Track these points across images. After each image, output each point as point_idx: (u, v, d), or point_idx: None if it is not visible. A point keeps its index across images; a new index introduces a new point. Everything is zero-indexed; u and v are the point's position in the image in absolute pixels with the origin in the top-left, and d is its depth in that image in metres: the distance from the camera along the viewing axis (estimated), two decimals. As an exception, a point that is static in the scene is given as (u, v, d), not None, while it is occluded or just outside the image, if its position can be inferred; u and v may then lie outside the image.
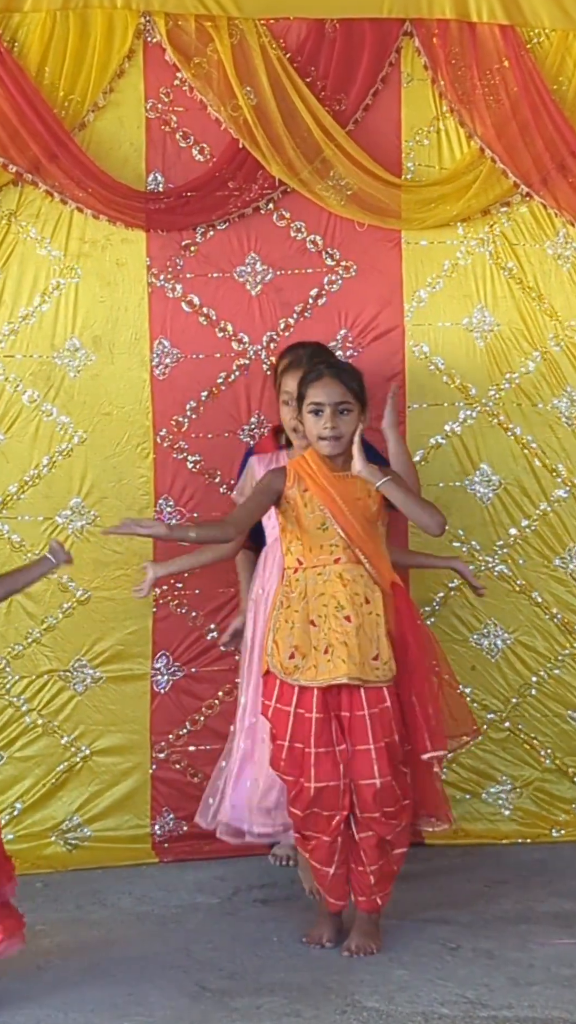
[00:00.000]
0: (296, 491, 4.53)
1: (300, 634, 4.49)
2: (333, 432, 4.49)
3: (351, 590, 4.47)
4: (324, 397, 4.52)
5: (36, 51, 5.21)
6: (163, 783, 5.43)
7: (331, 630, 4.45)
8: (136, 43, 5.32)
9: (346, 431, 4.51)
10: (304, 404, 4.56)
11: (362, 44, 5.38)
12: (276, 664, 4.51)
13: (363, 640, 4.45)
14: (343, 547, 4.49)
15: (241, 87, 5.28)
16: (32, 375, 5.38)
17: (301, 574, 4.53)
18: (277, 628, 4.54)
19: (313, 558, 4.51)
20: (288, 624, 4.52)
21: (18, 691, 5.39)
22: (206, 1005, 4.06)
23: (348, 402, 4.53)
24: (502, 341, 5.55)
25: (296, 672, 4.48)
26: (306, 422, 4.56)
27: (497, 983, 4.17)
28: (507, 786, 5.58)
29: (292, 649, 4.50)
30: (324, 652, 4.45)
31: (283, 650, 4.50)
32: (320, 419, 4.51)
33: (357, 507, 4.51)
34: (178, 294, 5.42)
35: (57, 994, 4.14)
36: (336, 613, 4.45)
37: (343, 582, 4.47)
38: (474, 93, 5.42)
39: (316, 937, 4.52)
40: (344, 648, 4.43)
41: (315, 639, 4.48)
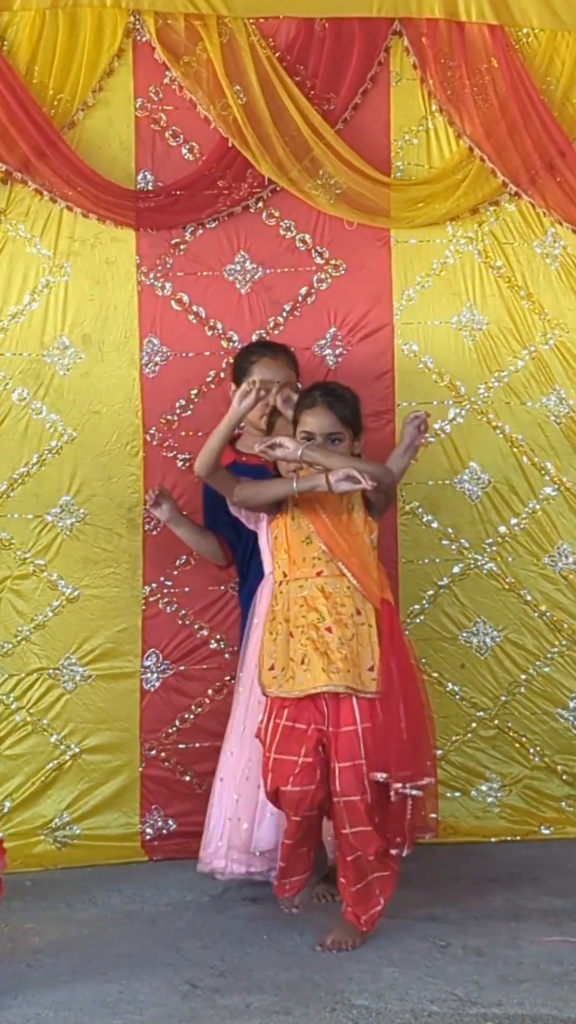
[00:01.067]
0: (288, 503, 4.58)
1: (281, 646, 4.52)
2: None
3: (333, 602, 4.49)
4: (316, 428, 4.57)
5: (25, 49, 5.20)
6: (153, 781, 5.43)
7: (308, 640, 4.47)
8: (125, 42, 5.31)
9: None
10: (297, 430, 4.61)
11: (351, 43, 5.38)
12: (261, 679, 4.56)
13: (356, 649, 4.46)
14: (325, 560, 4.52)
15: (230, 86, 5.28)
16: (21, 373, 5.38)
17: (285, 587, 4.57)
18: (264, 643, 4.59)
19: (296, 571, 4.55)
20: (272, 636, 4.56)
21: (7, 689, 5.38)
22: (196, 1003, 4.06)
23: (339, 432, 4.58)
24: (491, 339, 5.56)
25: (274, 684, 4.51)
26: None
27: (487, 980, 4.17)
28: (496, 784, 5.58)
29: (272, 661, 4.53)
30: (300, 663, 4.47)
31: (266, 664, 4.55)
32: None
33: (342, 522, 4.55)
34: (168, 292, 5.43)
35: (47, 992, 4.13)
36: (316, 624, 4.48)
37: (324, 594, 4.50)
38: (463, 92, 5.42)
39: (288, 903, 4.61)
40: (323, 658, 4.44)
41: (292, 651, 4.50)
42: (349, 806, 4.43)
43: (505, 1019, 3.91)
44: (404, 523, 5.50)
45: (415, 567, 5.52)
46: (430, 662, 5.53)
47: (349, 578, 4.51)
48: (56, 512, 5.38)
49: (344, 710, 4.46)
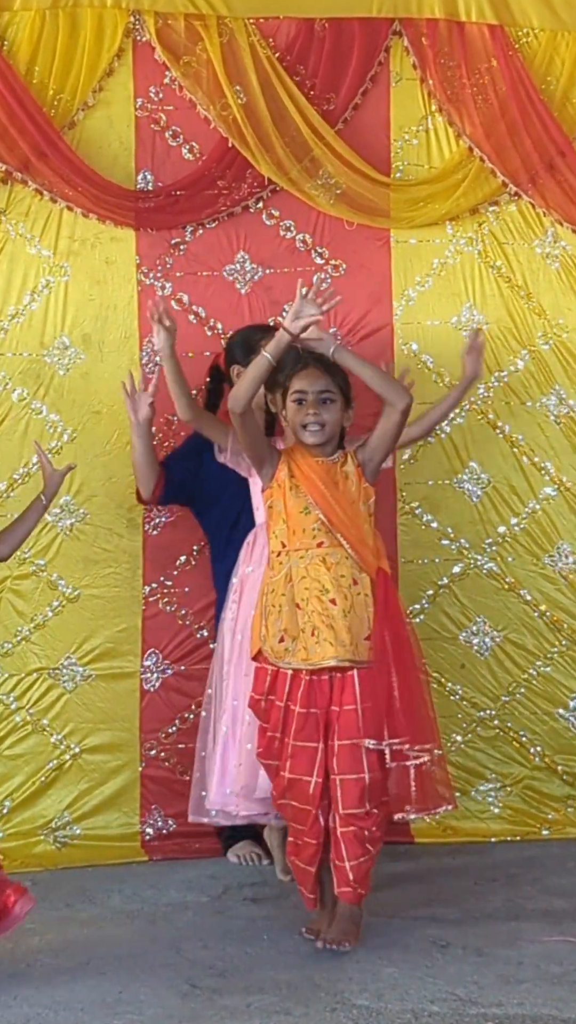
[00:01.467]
0: (285, 475, 4.56)
1: (288, 617, 4.50)
2: (316, 419, 4.51)
3: (335, 572, 4.47)
4: (307, 385, 4.53)
5: (26, 50, 5.21)
6: (152, 781, 5.44)
7: (315, 612, 4.46)
8: (125, 42, 5.32)
9: (329, 420, 4.53)
10: (287, 396, 4.58)
11: (351, 43, 5.39)
12: (268, 648, 4.53)
13: (354, 621, 4.45)
14: (325, 531, 4.50)
15: (230, 86, 5.29)
16: (21, 373, 5.38)
17: (284, 557, 4.54)
18: (267, 613, 4.55)
19: (296, 541, 4.52)
20: (276, 608, 4.53)
21: (7, 689, 5.39)
22: (196, 1003, 4.06)
23: (331, 391, 4.54)
24: (491, 339, 5.55)
25: (287, 655, 4.49)
26: (289, 413, 4.58)
27: (487, 980, 4.17)
28: (496, 784, 5.59)
29: (281, 632, 4.51)
30: (311, 635, 4.46)
31: (273, 634, 4.52)
32: (303, 408, 4.53)
33: (339, 491, 4.52)
34: (167, 292, 5.43)
35: (47, 993, 4.13)
36: (320, 596, 4.46)
37: (327, 565, 4.48)
38: (463, 92, 5.42)
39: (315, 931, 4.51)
40: (330, 631, 4.44)
41: (302, 622, 4.48)
42: (345, 784, 4.41)
43: (505, 1019, 3.91)
44: (404, 523, 5.50)
45: (415, 567, 5.52)
46: (430, 662, 5.51)
47: (346, 548, 4.50)
48: (56, 512, 5.38)
49: (347, 687, 4.45)
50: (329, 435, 4.55)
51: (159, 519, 5.43)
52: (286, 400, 4.58)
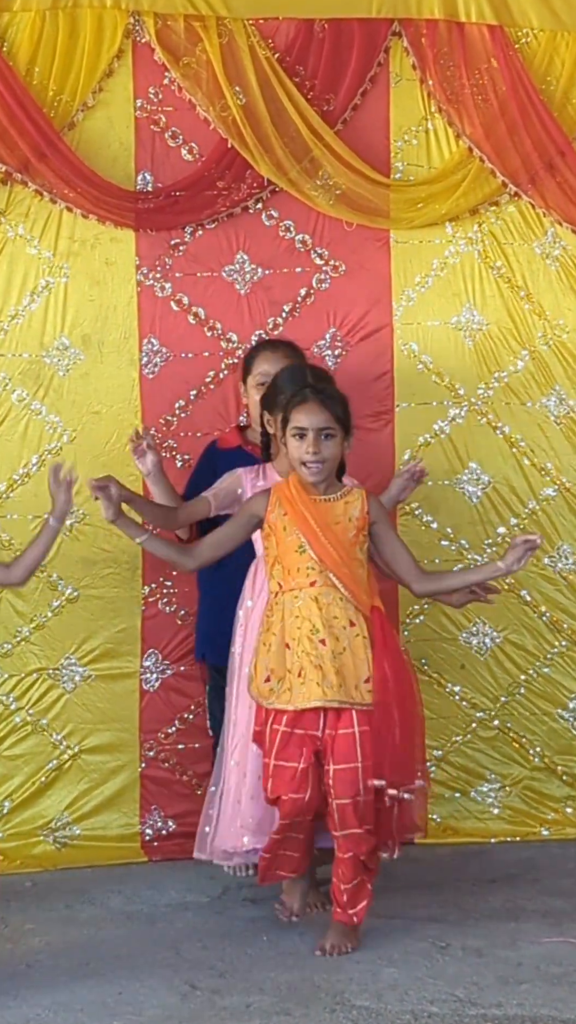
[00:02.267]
0: (277, 515, 4.56)
1: (276, 657, 4.51)
2: (316, 457, 4.50)
3: (328, 613, 4.47)
4: (307, 422, 4.51)
5: (25, 50, 5.20)
6: (152, 781, 5.43)
7: (304, 653, 4.46)
8: (125, 43, 5.32)
9: (329, 456, 4.53)
10: (287, 428, 4.56)
11: (351, 44, 5.38)
12: (254, 690, 4.54)
13: (348, 663, 4.45)
14: (319, 571, 4.50)
15: (230, 87, 5.28)
16: (21, 374, 5.38)
17: (281, 597, 4.54)
18: (257, 652, 4.58)
19: (290, 581, 4.52)
20: (266, 647, 4.54)
21: (7, 689, 5.39)
22: (196, 1004, 4.06)
23: (331, 427, 4.53)
24: (491, 340, 5.56)
25: (271, 696, 4.50)
26: (289, 446, 4.57)
27: (486, 981, 4.18)
28: (496, 784, 5.59)
29: (268, 672, 4.52)
30: (298, 675, 4.46)
31: (260, 673, 4.53)
32: (303, 443, 4.51)
33: (333, 532, 4.51)
34: (167, 293, 5.43)
35: (46, 993, 4.14)
36: (310, 636, 4.46)
37: (319, 605, 4.48)
38: (462, 93, 5.42)
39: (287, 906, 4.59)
40: (318, 671, 4.43)
41: (289, 662, 4.49)
42: (341, 808, 4.43)
43: (505, 1020, 3.92)
44: (404, 523, 5.50)
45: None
46: (430, 663, 5.53)
47: (340, 589, 4.50)
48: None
49: (343, 716, 4.45)
50: (328, 471, 4.56)
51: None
52: (285, 430, 4.58)
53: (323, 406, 4.53)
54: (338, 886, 4.49)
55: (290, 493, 4.54)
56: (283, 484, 4.60)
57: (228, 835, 4.79)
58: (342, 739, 4.43)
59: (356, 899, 4.48)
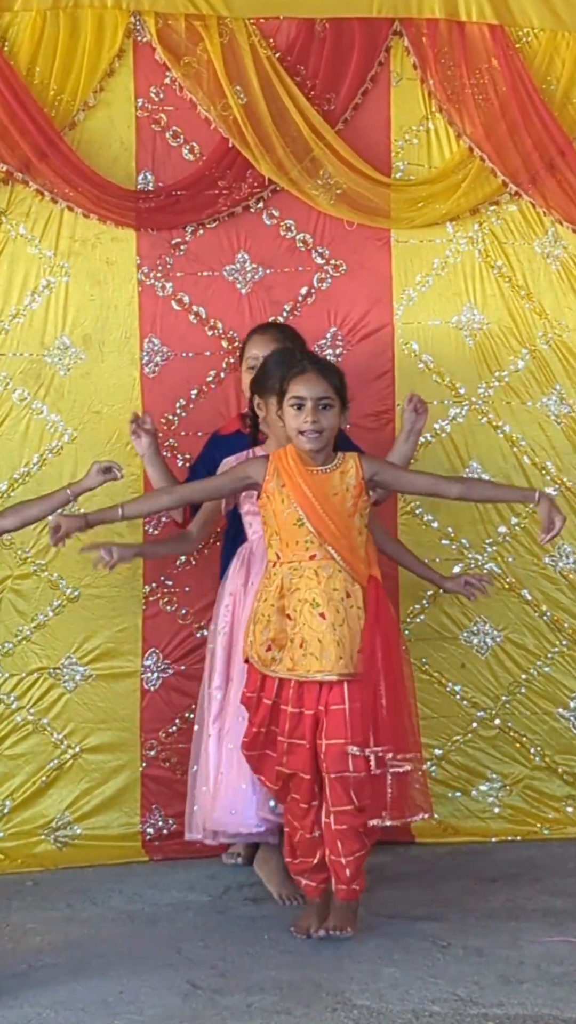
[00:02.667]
0: (275, 485, 4.55)
1: (276, 627, 4.52)
2: (314, 426, 4.50)
3: (327, 586, 4.48)
4: (306, 391, 4.52)
5: (26, 50, 5.20)
6: (153, 781, 5.43)
7: (305, 625, 4.48)
8: (126, 42, 5.32)
9: (327, 425, 4.53)
10: (285, 399, 4.57)
11: (352, 43, 5.38)
12: (254, 655, 4.56)
13: (345, 635, 4.46)
14: (318, 544, 4.51)
15: (231, 86, 5.29)
16: (22, 373, 5.38)
17: (278, 568, 4.55)
18: (255, 620, 4.58)
19: (290, 553, 4.53)
20: (265, 617, 4.55)
21: (8, 689, 5.38)
22: (197, 1003, 4.06)
23: (329, 397, 4.54)
24: (491, 339, 5.57)
25: (273, 664, 4.52)
26: (286, 417, 4.56)
27: (487, 981, 4.17)
28: (497, 784, 5.59)
29: (269, 642, 4.53)
30: (299, 647, 4.49)
31: (260, 642, 4.54)
32: (301, 413, 4.52)
33: (331, 504, 4.52)
34: (168, 292, 5.43)
35: (48, 993, 4.13)
36: (311, 610, 4.48)
37: (318, 579, 4.49)
38: (463, 92, 5.42)
39: (303, 928, 4.54)
40: (318, 645, 4.46)
41: (291, 632, 4.50)
42: (332, 783, 4.45)
43: (506, 1019, 3.91)
44: (404, 523, 5.50)
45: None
46: (430, 662, 5.53)
47: (338, 560, 4.50)
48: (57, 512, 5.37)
49: (335, 691, 4.46)
50: (327, 440, 4.55)
51: (160, 518, 5.42)
52: (282, 404, 4.58)
53: (321, 376, 4.55)
54: (338, 861, 4.48)
55: (288, 464, 4.55)
56: (281, 452, 4.59)
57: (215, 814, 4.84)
58: (333, 715, 4.45)
59: (359, 871, 4.49)
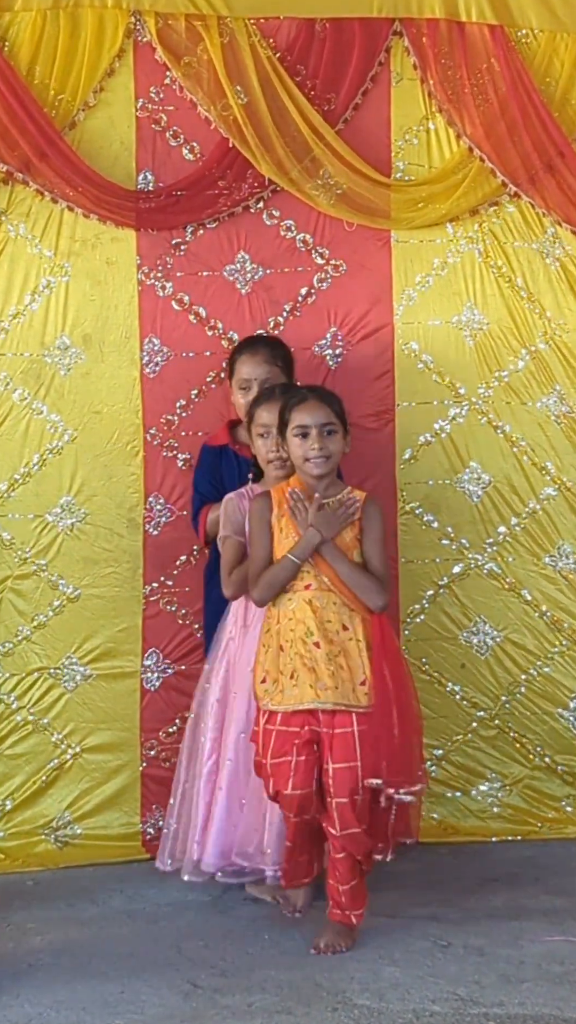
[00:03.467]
0: (277, 516, 4.59)
1: (272, 659, 4.54)
2: (321, 452, 4.54)
3: (322, 617, 4.50)
4: (310, 419, 4.56)
5: (27, 50, 5.20)
6: (153, 780, 5.43)
7: (297, 655, 4.49)
8: (126, 42, 5.32)
9: (332, 451, 4.57)
10: (289, 428, 4.60)
11: (352, 43, 5.38)
12: (257, 690, 4.58)
13: (344, 665, 4.47)
14: (314, 575, 4.53)
15: (231, 86, 5.29)
16: (22, 373, 5.38)
17: (278, 598, 4.57)
18: (257, 655, 4.61)
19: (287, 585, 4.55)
20: (265, 648, 4.58)
21: (8, 689, 5.39)
22: (198, 1002, 4.07)
23: (332, 423, 4.58)
24: (491, 339, 5.57)
25: (266, 697, 4.53)
26: (291, 446, 4.60)
27: (488, 980, 4.18)
28: (497, 784, 5.59)
29: (264, 674, 4.55)
30: (290, 677, 4.49)
31: (258, 675, 4.57)
32: (307, 441, 4.55)
33: None
34: (168, 292, 5.43)
35: (48, 992, 4.14)
36: (304, 639, 4.49)
37: (312, 608, 4.51)
38: (463, 93, 5.42)
39: (292, 904, 4.62)
40: (311, 674, 4.46)
41: (282, 664, 4.51)
42: (340, 807, 4.44)
43: (507, 1019, 3.92)
44: (404, 523, 5.51)
45: (415, 567, 5.52)
46: (430, 662, 5.53)
47: (336, 592, 4.51)
48: (57, 512, 5.39)
49: (339, 716, 4.47)
50: (333, 466, 4.59)
51: (160, 519, 5.43)
52: (285, 434, 4.60)
53: (322, 402, 4.59)
54: (335, 887, 4.51)
55: (289, 498, 4.58)
56: (283, 487, 4.64)
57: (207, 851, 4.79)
58: (340, 738, 4.45)
59: (355, 901, 4.50)
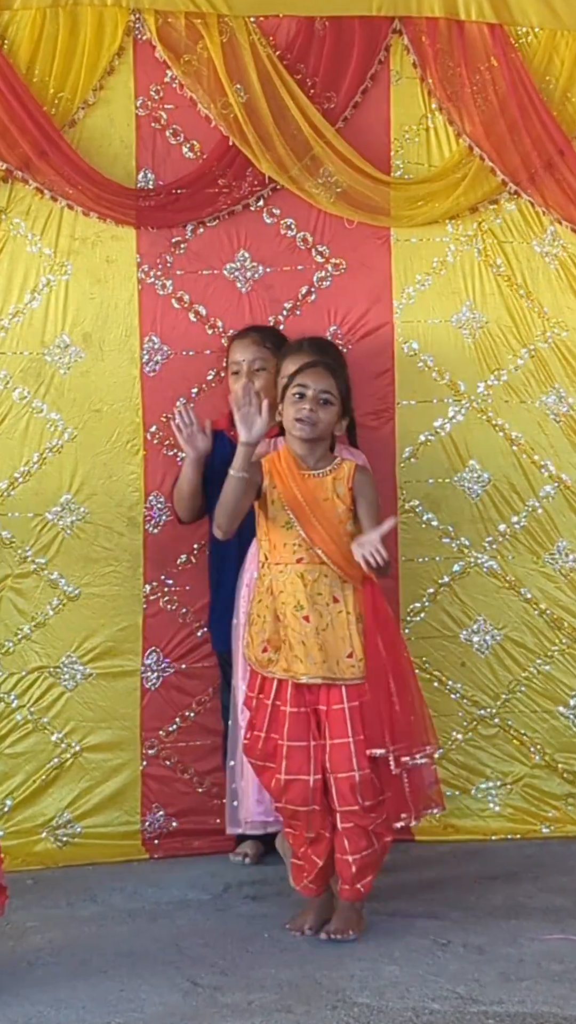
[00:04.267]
0: (268, 487, 4.56)
1: (271, 628, 4.53)
2: (311, 415, 4.52)
3: (312, 590, 4.49)
4: (311, 381, 4.56)
5: (26, 48, 5.20)
6: (153, 779, 5.43)
7: (289, 628, 4.49)
8: (126, 40, 5.31)
9: (323, 420, 4.55)
10: (289, 389, 4.59)
11: (351, 42, 5.38)
12: (252, 656, 4.57)
13: (331, 639, 4.47)
14: (305, 548, 4.51)
15: (231, 84, 5.28)
16: (22, 372, 5.37)
17: (267, 569, 4.57)
18: (252, 621, 4.59)
19: (277, 555, 4.54)
20: (260, 618, 4.56)
21: (8, 687, 5.38)
22: (197, 1001, 4.06)
23: (331, 393, 4.57)
24: (491, 338, 5.56)
25: (270, 665, 4.53)
26: (285, 406, 4.59)
27: (488, 978, 4.18)
28: (497, 782, 5.59)
29: (265, 643, 4.54)
30: (290, 648, 4.50)
31: (257, 644, 4.55)
32: (301, 402, 4.54)
33: (322, 508, 4.52)
34: (168, 291, 5.43)
35: (48, 991, 4.13)
36: (295, 612, 4.49)
37: (304, 582, 4.50)
38: (463, 91, 5.42)
39: (299, 924, 4.56)
40: (302, 647, 4.47)
41: (283, 633, 4.51)
42: (338, 783, 4.46)
43: (506, 1017, 3.91)
44: (404, 521, 5.50)
45: (415, 565, 5.52)
46: (430, 661, 5.53)
47: (329, 564, 4.50)
48: (57, 511, 5.39)
49: (333, 692, 4.48)
50: (320, 434, 4.56)
51: (160, 518, 5.43)
52: (285, 394, 4.60)
53: (328, 373, 4.60)
54: (344, 859, 4.50)
55: (280, 466, 4.55)
56: (274, 456, 4.60)
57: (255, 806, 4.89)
58: (334, 714, 4.46)
59: (364, 871, 4.50)
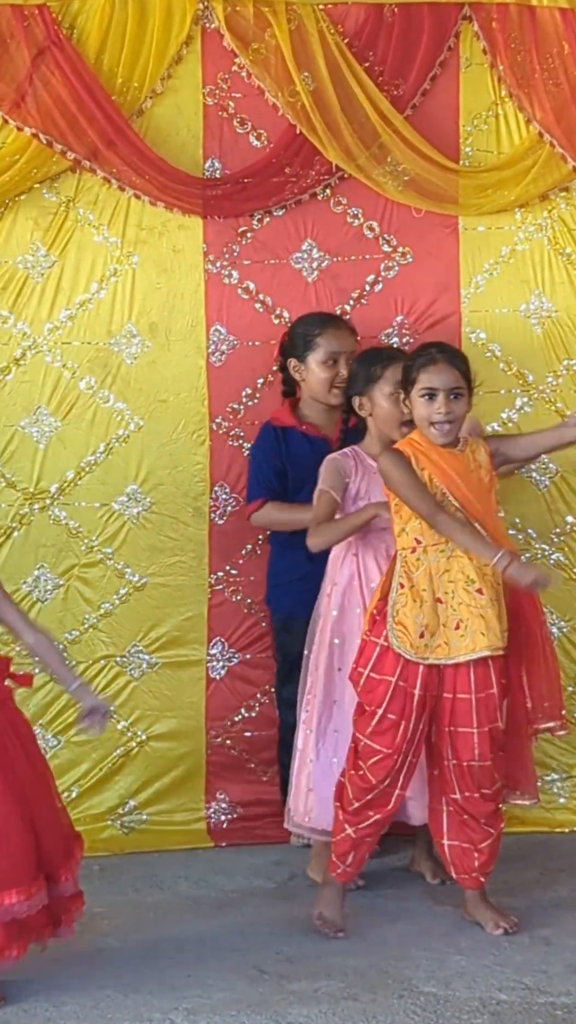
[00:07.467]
0: (417, 469, 4.51)
1: (429, 612, 4.48)
2: (447, 417, 4.50)
3: (478, 562, 4.45)
4: (438, 382, 4.51)
5: (95, 37, 5.21)
6: (218, 768, 5.45)
7: (461, 604, 4.45)
8: (194, 29, 5.31)
9: (458, 415, 4.54)
10: (414, 388, 4.54)
11: (420, 28, 5.34)
12: (406, 646, 4.48)
13: (501, 609, 4.47)
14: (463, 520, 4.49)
15: (299, 72, 5.27)
16: (89, 362, 5.40)
17: (421, 553, 4.51)
18: (399, 610, 4.51)
19: (433, 536, 4.49)
20: (416, 603, 4.49)
21: (75, 676, 5.41)
22: (264, 988, 4.07)
23: (460, 387, 4.54)
24: (560, 327, 5.52)
25: (426, 650, 4.48)
26: (415, 406, 4.54)
27: (555, 969, 4.16)
28: (562, 775, 5.55)
29: (422, 628, 4.48)
30: (455, 628, 4.46)
31: (413, 631, 4.48)
32: (433, 404, 4.51)
33: (471, 480, 4.51)
34: (234, 280, 5.43)
35: (116, 976, 4.17)
36: (467, 587, 4.46)
37: (469, 556, 4.46)
38: (533, 78, 5.36)
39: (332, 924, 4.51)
40: (481, 620, 4.44)
41: (443, 616, 4.48)
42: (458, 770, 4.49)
43: (574, 1008, 3.89)
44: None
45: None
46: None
47: (485, 535, 4.46)
48: (123, 500, 5.40)
49: (460, 676, 4.47)
50: (456, 431, 4.55)
51: (225, 508, 5.43)
52: (410, 394, 4.55)
53: (451, 365, 4.55)
54: (470, 851, 4.53)
55: (424, 447, 4.52)
56: (410, 441, 4.55)
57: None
58: (462, 703, 4.46)
59: (493, 857, 4.56)
